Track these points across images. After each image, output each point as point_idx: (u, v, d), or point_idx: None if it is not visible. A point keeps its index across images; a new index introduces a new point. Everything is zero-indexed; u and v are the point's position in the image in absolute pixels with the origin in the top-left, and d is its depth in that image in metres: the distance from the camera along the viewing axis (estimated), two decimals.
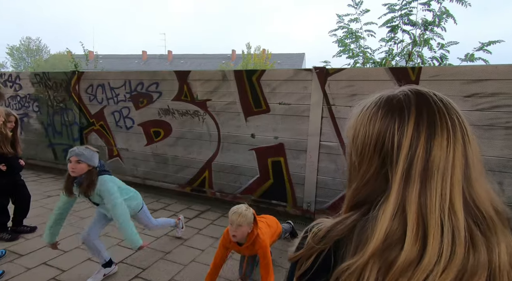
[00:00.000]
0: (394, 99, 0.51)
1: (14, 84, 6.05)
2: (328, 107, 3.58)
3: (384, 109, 0.50)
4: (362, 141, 0.51)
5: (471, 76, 2.94)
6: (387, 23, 4.64)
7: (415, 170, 0.44)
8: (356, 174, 0.52)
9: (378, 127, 0.49)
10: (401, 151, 0.46)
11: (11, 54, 30.49)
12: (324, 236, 0.48)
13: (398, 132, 0.47)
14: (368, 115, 0.52)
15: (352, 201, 0.52)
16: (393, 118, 0.48)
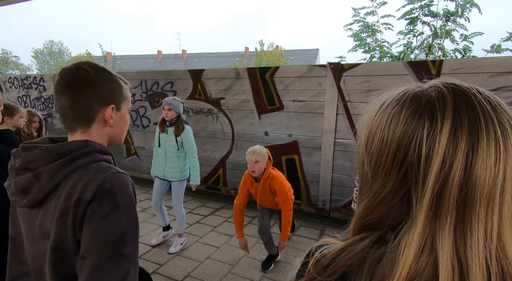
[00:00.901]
0: (424, 97, 0.38)
1: (39, 86, 6.34)
2: (343, 103, 3.50)
3: (409, 109, 0.38)
4: (378, 148, 0.40)
5: (497, 69, 2.78)
6: (406, 15, 4.46)
7: (449, 194, 0.34)
8: (368, 189, 0.42)
9: (400, 132, 0.38)
10: (431, 167, 0.35)
11: (36, 57, 32.01)
12: (329, 265, 0.40)
13: (428, 141, 0.35)
14: (387, 115, 0.40)
15: (361, 221, 0.42)
16: (420, 122, 0.37)
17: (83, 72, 0.75)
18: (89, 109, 0.75)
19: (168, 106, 2.66)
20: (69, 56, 33.47)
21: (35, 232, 0.70)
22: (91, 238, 0.62)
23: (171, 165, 2.78)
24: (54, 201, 0.67)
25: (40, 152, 0.69)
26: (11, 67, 26.29)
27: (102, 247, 0.61)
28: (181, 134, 2.70)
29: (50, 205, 0.67)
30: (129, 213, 0.66)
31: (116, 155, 5.54)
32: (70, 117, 0.75)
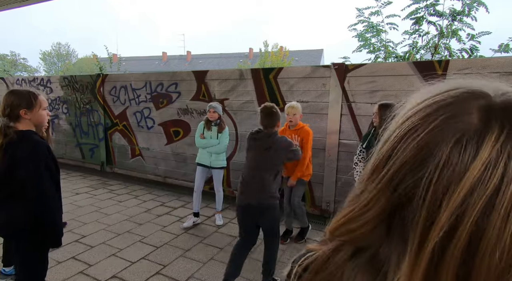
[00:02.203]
0: (464, 110, 0.28)
1: (46, 87, 6.43)
2: (347, 104, 3.47)
3: (437, 120, 0.28)
4: (385, 155, 0.32)
5: (505, 68, 2.73)
6: (411, 14, 4.42)
7: (451, 255, 0.25)
8: (356, 196, 0.35)
9: (412, 149, 0.29)
10: (442, 212, 0.25)
11: (43, 59, 32.53)
12: (311, 279, 0.38)
13: (448, 166, 0.26)
14: (414, 120, 0.30)
15: (337, 232, 0.36)
16: (444, 145, 0.27)
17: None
18: None
19: (213, 109, 3.37)
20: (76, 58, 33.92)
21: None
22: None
23: (214, 155, 3.51)
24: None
25: None
26: (19, 69, 26.74)
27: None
28: (223, 131, 3.47)
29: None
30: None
31: (120, 155, 5.59)
32: None
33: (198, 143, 3.50)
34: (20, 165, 1.50)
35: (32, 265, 1.64)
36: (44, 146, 1.57)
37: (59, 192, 1.69)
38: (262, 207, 2.22)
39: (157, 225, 3.48)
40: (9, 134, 1.50)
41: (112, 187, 4.90)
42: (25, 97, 1.59)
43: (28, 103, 1.59)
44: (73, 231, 3.19)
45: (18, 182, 1.50)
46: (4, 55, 26.76)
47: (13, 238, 1.61)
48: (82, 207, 3.94)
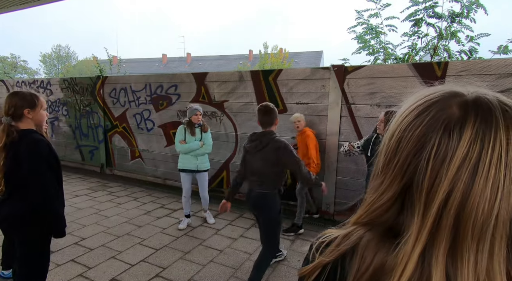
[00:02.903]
0: (450, 104, 0.37)
1: (46, 89, 6.44)
2: (347, 106, 3.48)
3: (433, 115, 0.37)
4: (391, 151, 0.40)
5: (504, 70, 2.74)
6: (410, 16, 4.43)
7: (446, 220, 0.34)
8: (375, 185, 0.43)
9: (413, 142, 0.38)
10: (440, 185, 0.34)
11: (43, 61, 32.58)
12: (333, 250, 0.45)
13: (438, 152, 0.35)
14: (408, 119, 0.40)
15: (361, 217, 0.44)
16: (436, 130, 0.36)
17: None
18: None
19: (200, 112, 3.37)
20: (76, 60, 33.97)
21: None
22: None
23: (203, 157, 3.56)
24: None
25: None
26: (19, 71, 26.78)
27: None
28: (207, 130, 3.49)
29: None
30: None
31: (120, 157, 5.58)
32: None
33: (181, 148, 3.37)
34: (23, 162, 1.56)
35: (34, 261, 1.68)
36: (45, 143, 1.63)
37: (61, 188, 1.75)
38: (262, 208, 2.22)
39: (156, 227, 3.47)
40: (11, 133, 1.57)
41: (112, 189, 4.89)
42: (28, 97, 1.68)
43: (31, 103, 1.67)
44: (72, 234, 3.18)
45: (21, 178, 1.57)
46: (4, 57, 26.82)
47: (16, 232, 1.65)
48: (82, 210, 3.93)
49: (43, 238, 1.69)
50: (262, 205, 2.19)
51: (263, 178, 2.17)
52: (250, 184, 2.27)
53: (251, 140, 2.25)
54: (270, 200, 2.18)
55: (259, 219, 2.30)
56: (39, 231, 1.65)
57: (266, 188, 2.17)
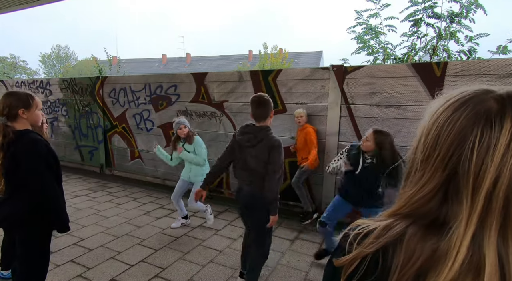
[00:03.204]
0: (490, 101, 0.40)
1: (45, 90, 6.44)
2: (346, 106, 3.48)
3: (473, 110, 0.41)
4: (431, 144, 0.43)
5: (503, 70, 2.74)
6: (410, 17, 4.44)
7: (496, 202, 0.37)
8: (414, 180, 0.46)
9: (454, 134, 0.41)
10: (486, 173, 0.37)
11: (43, 61, 32.55)
12: (373, 242, 0.46)
13: (482, 144, 0.38)
14: (446, 114, 0.43)
15: (401, 209, 0.46)
16: (477, 124, 0.39)
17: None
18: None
19: (184, 124, 3.19)
20: (75, 60, 33.95)
21: None
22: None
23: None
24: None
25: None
26: (19, 72, 26.75)
27: None
28: (192, 141, 3.24)
29: None
30: None
31: (120, 158, 5.58)
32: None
33: (171, 163, 3.42)
34: (21, 162, 1.56)
35: (34, 260, 1.69)
36: (43, 143, 1.63)
37: (61, 186, 1.76)
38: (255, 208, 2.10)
39: (156, 227, 3.47)
40: (8, 133, 1.56)
41: (111, 190, 4.89)
42: (22, 97, 1.67)
43: (26, 103, 1.67)
44: (71, 234, 3.17)
45: (21, 178, 1.57)
46: (4, 57, 26.79)
47: (17, 230, 1.66)
48: (81, 210, 3.93)
49: (43, 237, 1.70)
50: (252, 205, 2.09)
51: (253, 178, 2.04)
52: (239, 181, 2.16)
53: (243, 132, 2.05)
54: (258, 201, 2.05)
55: (249, 219, 2.21)
56: (39, 230, 1.66)
57: (255, 188, 2.05)
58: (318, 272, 2.62)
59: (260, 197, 2.02)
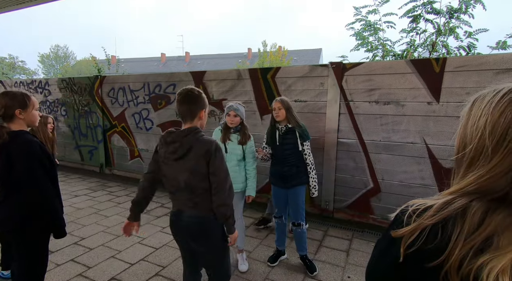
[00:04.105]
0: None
1: (44, 90, 6.43)
2: (345, 103, 3.47)
3: None
4: (504, 130, 0.49)
5: (502, 65, 2.73)
6: (408, 13, 4.41)
7: None
8: (484, 162, 0.51)
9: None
10: None
11: (42, 61, 32.48)
12: (434, 214, 0.51)
13: None
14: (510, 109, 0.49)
15: (468, 187, 0.52)
16: None
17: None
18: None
19: (235, 112, 2.47)
20: (74, 60, 33.88)
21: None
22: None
23: (233, 175, 2.40)
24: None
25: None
26: (17, 72, 26.69)
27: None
28: (248, 142, 2.52)
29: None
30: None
31: (119, 157, 5.58)
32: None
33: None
34: (15, 163, 1.54)
35: (33, 261, 1.67)
36: (37, 144, 1.61)
37: (56, 187, 1.74)
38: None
39: (156, 226, 3.47)
40: (2, 135, 1.54)
41: (111, 189, 4.89)
42: (19, 97, 1.64)
43: (22, 103, 1.64)
44: (72, 234, 3.18)
45: (15, 180, 1.55)
46: (3, 58, 26.73)
47: (14, 234, 1.64)
48: (81, 209, 3.93)
49: (41, 239, 1.68)
50: (200, 234, 1.57)
51: (197, 198, 1.53)
52: (176, 204, 1.61)
53: (166, 141, 1.55)
54: (210, 225, 1.57)
55: (197, 253, 1.69)
56: (37, 232, 1.64)
57: (203, 211, 1.54)
58: (318, 268, 2.63)
59: (211, 220, 1.55)
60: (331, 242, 3.18)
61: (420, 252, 0.52)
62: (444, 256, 0.49)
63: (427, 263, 0.51)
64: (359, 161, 3.45)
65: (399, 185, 3.26)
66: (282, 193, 2.61)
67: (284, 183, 2.56)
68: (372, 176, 3.41)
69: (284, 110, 2.52)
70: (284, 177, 2.54)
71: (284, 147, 2.54)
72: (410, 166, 3.19)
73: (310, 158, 2.58)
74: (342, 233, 3.38)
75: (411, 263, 0.53)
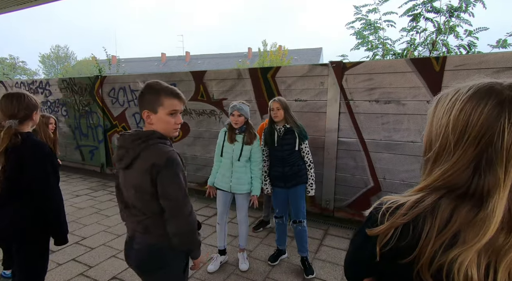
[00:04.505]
0: (504, 92, 0.51)
1: (45, 90, 6.44)
2: (346, 102, 3.47)
3: (494, 101, 0.50)
4: (462, 128, 0.52)
5: (502, 64, 2.73)
6: (408, 11, 4.41)
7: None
8: (448, 157, 0.54)
9: (484, 118, 0.50)
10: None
11: (43, 62, 32.55)
12: (406, 213, 0.54)
13: (510, 129, 0.48)
14: (471, 103, 0.52)
15: (435, 183, 0.54)
16: (503, 113, 0.49)
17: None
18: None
19: (238, 111, 2.40)
20: (75, 60, 33.92)
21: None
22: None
23: (238, 176, 2.47)
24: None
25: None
26: (18, 72, 26.75)
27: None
28: (254, 142, 2.48)
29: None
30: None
31: None
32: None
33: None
34: (27, 167, 1.48)
35: (33, 263, 1.66)
36: (47, 146, 1.59)
37: (59, 190, 1.71)
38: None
39: None
40: (15, 137, 1.48)
41: (112, 189, 4.90)
42: (33, 99, 1.62)
43: (36, 105, 1.63)
44: (73, 233, 3.19)
45: (24, 184, 1.49)
46: (3, 58, 26.78)
47: (15, 239, 1.61)
48: (82, 209, 3.95)
49: (42, 238, 1.66)
50: (152, 267, 1.23)
51: (147, 220, 1.20)
52: (128, 227, 1.30)
53: (117, 146, 1.27)
54: (164, 256, 1.23)
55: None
56: (37, 232, 1.61)
57: (154, 238, 1.21)
58: (318, 266, 2.64)
59: (165, 249, 1.21)
60: (332, 241, 3.19)
61: (394, 249, 0.54)
62: (415, 252, 0.52)
63: (401, 260, 0.53)
64: (359, 160, 3.46)
65: (401, 184, 3.27)
66: (283, 193, 2.61)
67: (285, 183, 2.56)
68: (372, 175, 3.41)
69: (283, 110, 2.51)
70: (285, 177, 2.54)
71: (283, 148, 2.53)
72: (411, 165, 3.19)
73: (309, 156, 2.59)
74: (343, 232, 3.39)
75: (386, 260, 0.56)
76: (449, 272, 0.49)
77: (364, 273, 0.65)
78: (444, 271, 0.49)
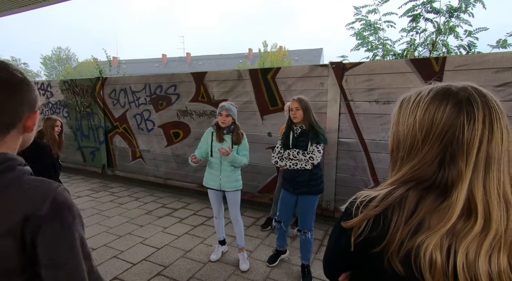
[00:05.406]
0: (460, 94, 0.57)
1: (46, 91, 6.48)
2: (346, 103, 3.48)
3: (453, 102, 0.56)
4: (427, 127, 0.57)
5: (502, 64, 2.73)
6: (408, 12, 4.41)
7: (480, 162, 0.53)
8: (416, 154, 0.59)
9: (446, 117, 0.56)
10: (473, 145, 0.53)
11: (44, 63, 32.71)
12: (377, 205, 0.58)
13: (468, 126, 0.54)
14: (434, 104, 0.58)
15: (404, 177, 0.59)
16: (461, 112, 0.55)
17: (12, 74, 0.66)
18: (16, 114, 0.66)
19: (227, 111, 2.47)
20: (76, 62, 34.06)
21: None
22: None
23: (227, 174, 2.56)
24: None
25: None
26: None
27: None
28: (242, 140, 2.54)
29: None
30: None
31: (121, 158, 5.61)
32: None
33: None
34: (34, 166, 1.52)
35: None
36: (47, 146, 1.61)
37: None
38: None
39: (158, 226, 3.50)
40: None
41: (113, 190, 4.92)
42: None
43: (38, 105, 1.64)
44: None
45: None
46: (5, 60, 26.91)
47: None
48: (84, 210, 3.96)
49: None
50: None
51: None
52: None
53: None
54: None
55: None
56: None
57: None
58: (318, 267, 2.64)
59: None
60: None
61: (367, 240, 0.58)
62: (385, 241, 0.56)
63: (372, 249, 0.58)
64: (359, 161, 3.46)
65: None
66: (289, 198, 2.48)
67: (293, 189, 2.42)
68: (372, 175, 3.41)
69: (302, 111, 2.35)
70: (294, 182, 2.40)
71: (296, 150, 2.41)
72: None
73: (315, 156, 2.33)
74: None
75: (360, 250, 0.60)
76: (416, 256, 0.53)
77: (340, 266, 0.69)
78: (412, 256, 0.53)
